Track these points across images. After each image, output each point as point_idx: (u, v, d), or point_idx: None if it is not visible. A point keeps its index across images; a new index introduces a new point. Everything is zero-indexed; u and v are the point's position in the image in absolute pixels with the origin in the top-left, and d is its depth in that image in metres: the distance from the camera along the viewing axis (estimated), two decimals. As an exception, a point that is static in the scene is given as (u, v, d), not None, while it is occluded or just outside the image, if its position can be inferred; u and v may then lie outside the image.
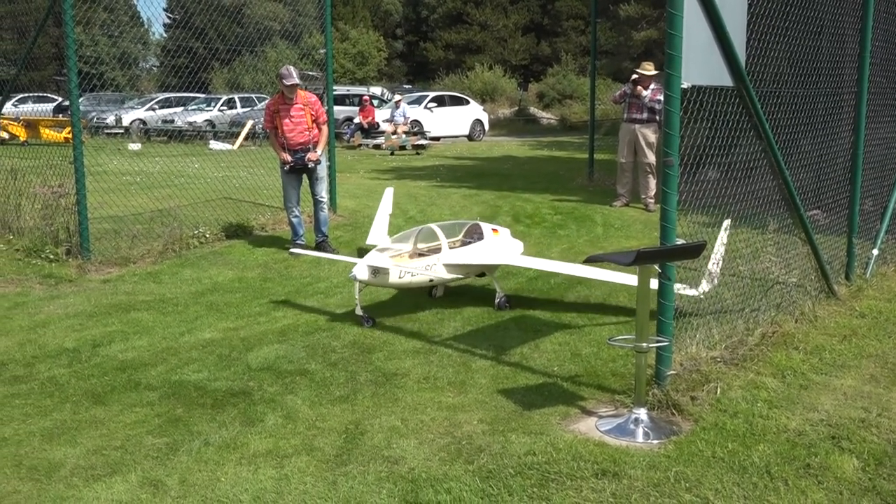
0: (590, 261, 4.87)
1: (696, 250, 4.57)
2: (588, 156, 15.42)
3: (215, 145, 23.41)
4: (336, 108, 13.62)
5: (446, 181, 15.82)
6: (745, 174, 6.03)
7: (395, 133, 23.70)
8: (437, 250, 6.75)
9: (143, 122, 28.60)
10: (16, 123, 22.96)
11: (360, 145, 24.94)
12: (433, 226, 7.06)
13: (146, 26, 31.27)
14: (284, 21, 23.00)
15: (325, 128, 9.31)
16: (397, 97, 26.60)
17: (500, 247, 7.12)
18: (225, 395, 5.01)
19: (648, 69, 11.51)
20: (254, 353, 5.74)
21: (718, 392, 4.73)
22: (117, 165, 16.79)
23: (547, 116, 39.31)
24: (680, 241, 4.64)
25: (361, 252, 8.09)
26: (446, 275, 6.75)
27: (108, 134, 27.04)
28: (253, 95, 29.48)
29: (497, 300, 6.87)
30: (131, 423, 4.60)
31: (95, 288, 7.67)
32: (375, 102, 28.25)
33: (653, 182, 11.47)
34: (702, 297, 5.59)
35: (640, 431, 4.35)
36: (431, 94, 29.82)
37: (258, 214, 10.89)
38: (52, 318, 6.66)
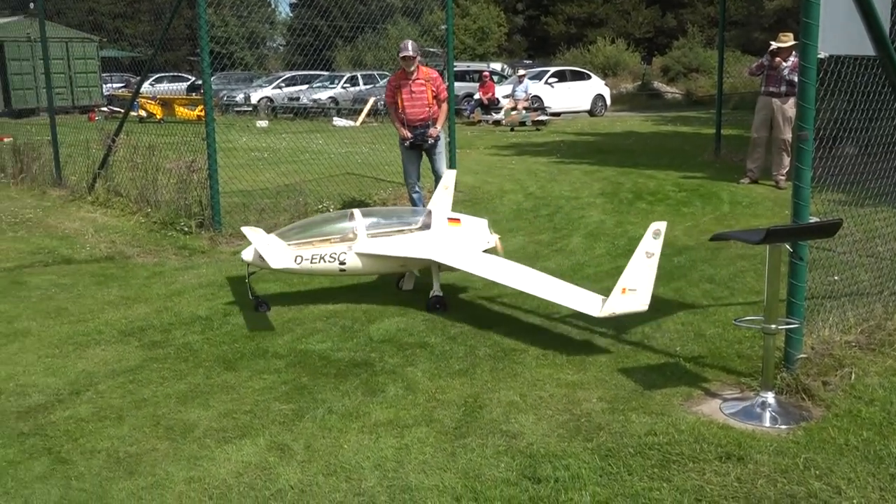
0: (716, 238, 4.73)
1: (830, 229, 4.38)
2: (715, 131, 14.92)
3: (338, 122, 23.92)
4: (456, 84, 13.64)
5: (566, 157, 15.65)
6: (886, 150, 5.71)
7: (515, 109, 23.59)
8: (352, 238, 6.20)
9: (271, 99, 29.51)
10: (153, 102, 24.12)
11: (479, 121, 24.94)
12: (356, 210, 6.44)
13: (273, 6, 32.12)
14: (406, -2, 23.22)
15: (445, 104, 9.14)
16: (521, 72, 26.43)
17: (441, 241, 6.31)
18: (348, 365, 5.14)
19: (786, 40, 11.01)
20: (375, 326, 5.87)
21: (853, 378, 4.53)
22: (246, 142, 17.46)
23: (671, 91, 38.21)
24: (814, 220, 4.45)
25: None
26: (362, 265, 6.22)
27: (237, 111, 28.07)
28: (375, 72, 29.98)
29: (429, 300, 6.25)
30: (260, 389, 4.79)
31: (226, 259, 7.99)
32: (495, 78, 28.14)
33: (787, 159, 10.98)
34: (601, 317, 5.11)
35: (767, 415, 4.22)
36: (552, 70, 29.45)
37: (380, 189, 11.09)
38: (187, 288, 6.99)
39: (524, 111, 23.52)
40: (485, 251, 6.47)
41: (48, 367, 5.21)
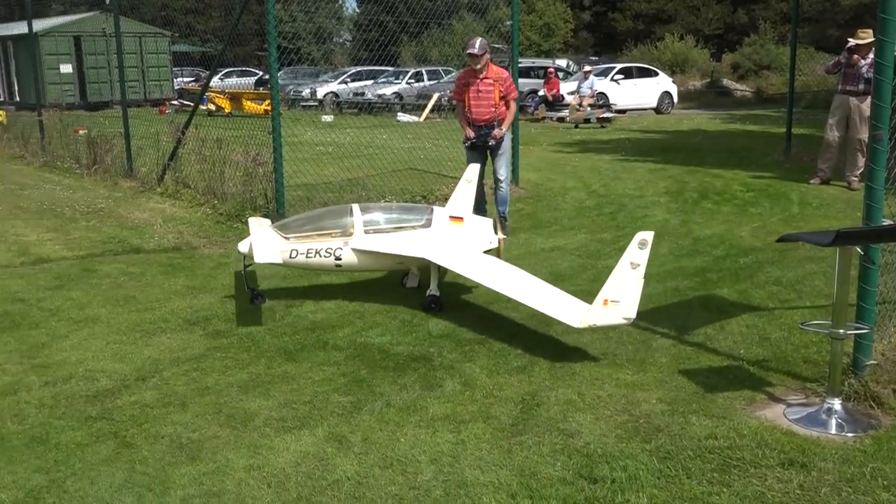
0: (783, 240, 4.62)
1: (905, 232, 4.24)
2: (785, 130, 14.58)
3: (403, 117, 24.04)
4: (520, 80, 13.60)
5: (631, 155, 15.48)
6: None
7: (580, 106, 23.41)
8: (349, 234, 6.14)
9: (336, 94, 29.82)
10: (221, 96, 24.57)
11: (543, 118, 24.83)
12: (355, 206, 6.36)
13: (340, 2, 32.39)
14: (472, -7, 23.20)
15: (513, 105, 8.75)
16: (587, 68, 26.21)
17: (439, 240, 6.19)
18: (406, 359, 5.17)
19: (865, 36, 10.68)
20: (434, 321, 5.89)
21: (925, 386, 4.39)
22: (311, 136, 17.63)
23: (741, 88, 37.45)
24: (886, 222, 4.32)
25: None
26: (357, 261, 6.17)
27: (303, 106, 28.44)
28: (439, 68, 30.04)
29: (425, 299, 6.18)
30: (319, 381, 4.85)
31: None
32: (560, 75, 27.96)
33: (861, 160, 10.67)
34: (579, 327, 5.01)
35: (832, 422, 4.11)
36: (618, 66, 29.13)
37: (442, 185, 11.11)
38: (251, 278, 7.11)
39: (589, 108, 23.33)
40: (487, 251, 6.35)
41: (116, 354, 5.36)
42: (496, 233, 6.51)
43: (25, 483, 3.77)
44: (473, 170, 7.67)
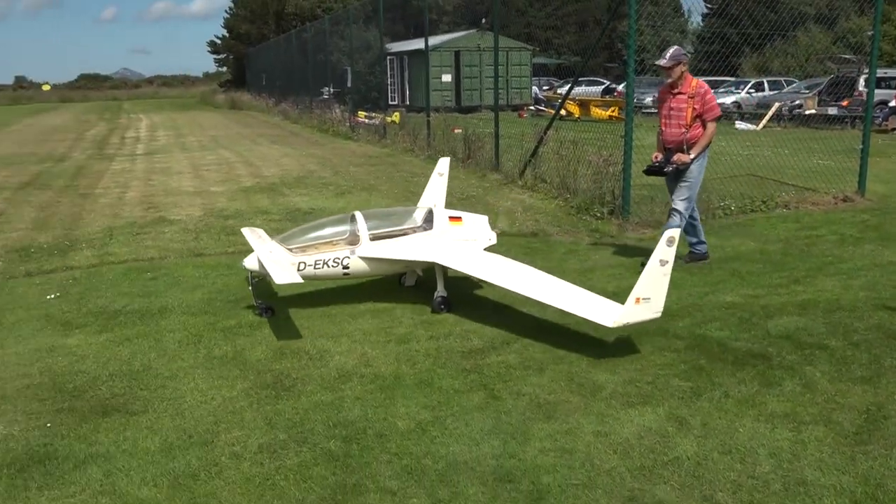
0: None
1: None
2: None
3: (741, 125, 22.68)
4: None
5: None
6: None
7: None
8: (356, 241, 5.74)
9: (676, 102, 28.85)
10: (572, 102, 24.95)
11: (893, 129, 21.96)
12: (358, 213, 5.88)
13: (686, 16, 31.26)
14: (820, 5, 21.14)
15: (710, 125, 6.67)
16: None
17: (443, 241, 5.81)
18: (745, 355, 4.89)
19: None
20: (773, 321, 5.50)
21: None
22: (652, 141, 17.22)
23: None
24: None
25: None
26: (365, 268, 5.73)
27: (644, 113, 27.91)
28: (781, 78, 27.87)
29: (434, 300, 5.74)
30: (661, 364, 4.76)
31: (632, 244, 8.04)
32: (913, 85, 24.47)
33: None
34: (613, 326, 4.66)
35: None
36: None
37: (781, 192, 10.32)
38: (598, 266, 7.17)
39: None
40: (487, 248, 6.02)
41: (484, 319, 5.67)
42: (492, 229, 6.22)
43: (416, 416, 4.15)
44: (444, 163, 6.98)
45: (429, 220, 5.96)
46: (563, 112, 23.76)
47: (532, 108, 29.81)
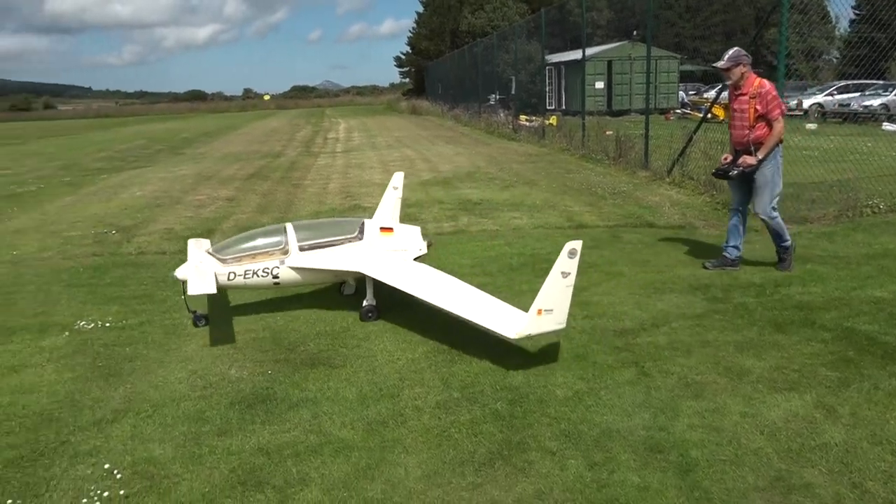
0: None
1: None
2: None
3: (888, 126, 20.39)
4: None
5: None
6: None
7: None
8: (286, 251, 5.23)
9: (821, 105, 26.51)
10: (717, 105, 23.51)
11: None
12: (289, 224, 5.39)
13: (833, 23, 28.53)
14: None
15: (776, 125, 5.81)
16: None
17: (372, 252, 5.34)
18: (895, 349, 4.39)
19: None
20: (926, 319, 4.90)
21: None
22: (797, 141, 15.89)
23: None
24: None
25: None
26: (295, 278, 5.25)
27: (789, 115, 25.84)
28: (932, 81, 24.81)
29: (362, 307, 5.26)
30: (808, 354, 4.37)
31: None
32: None
33: None
34: (515, 338, 4.12)
35: None
36: None
37: (934, 192, 9.17)
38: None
39: None
40: (417, 258, 5.51)
41: (636, 303, 5.47)
42: (424, 239, 5.70)
43: (572, 385, 4.06)
44: (398, 177, 6.34)
45: (360, 231, 5.47)
46: (708, 115, 22.58)
47: (678, 111, 28.37)
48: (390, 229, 5.57)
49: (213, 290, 4.81)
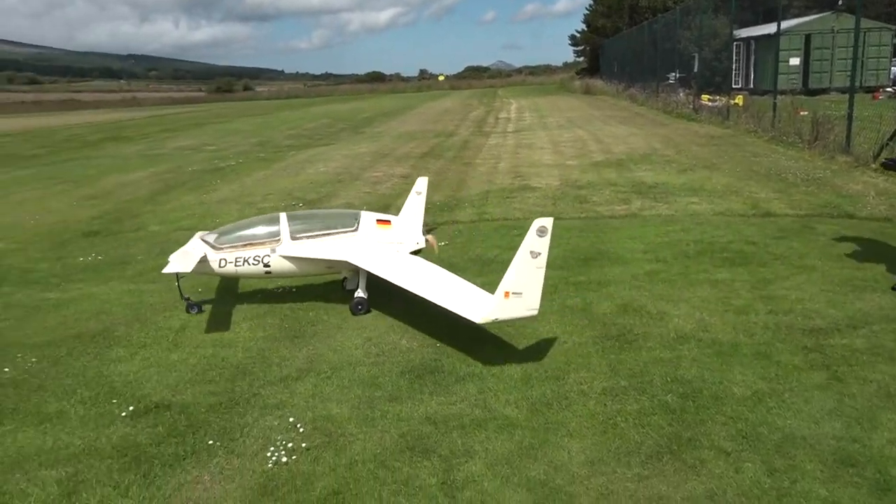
0: None
1: None
2: None
3: None
4: None
5: None
6: None
7: None
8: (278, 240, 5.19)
9: None
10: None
11: None
12: (282, 214, 5.34)
13: None
14: None
15: None
16: None
17: (365, 243, 5.24)
18: None
19: None
20: None
21: None
22: None
23: None
24: None
25: None
26: (286, 267, 5.19)
27: None
28: None
29: (352, 300, 5.19)
30: None
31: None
32: None
33: None
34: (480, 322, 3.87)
35: None
36: None
37: None
38: None
39: None
40: (417, 251, 5.45)
41: (829, 301, 4.99)
42: (424, 233, 5.66)
43: (752, 385, 3.79)
44: (422, 182, 6.25)
45: (355, 222, 5.38)
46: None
47: (889, 89, 25.28)
48: (388, 222, 5.55)
49: (188, 270, 4.98)
